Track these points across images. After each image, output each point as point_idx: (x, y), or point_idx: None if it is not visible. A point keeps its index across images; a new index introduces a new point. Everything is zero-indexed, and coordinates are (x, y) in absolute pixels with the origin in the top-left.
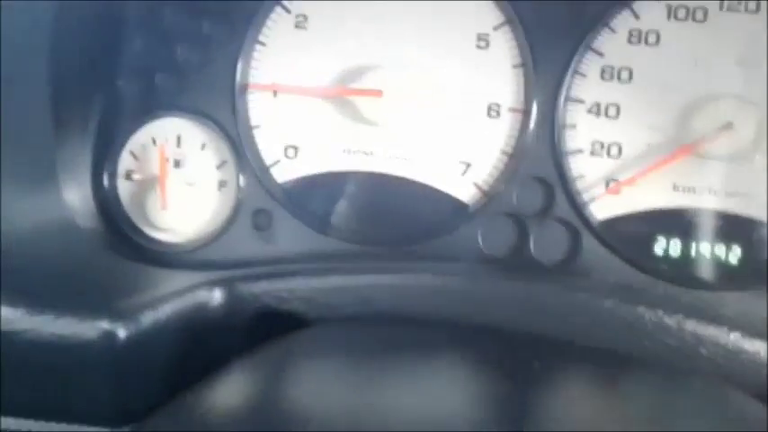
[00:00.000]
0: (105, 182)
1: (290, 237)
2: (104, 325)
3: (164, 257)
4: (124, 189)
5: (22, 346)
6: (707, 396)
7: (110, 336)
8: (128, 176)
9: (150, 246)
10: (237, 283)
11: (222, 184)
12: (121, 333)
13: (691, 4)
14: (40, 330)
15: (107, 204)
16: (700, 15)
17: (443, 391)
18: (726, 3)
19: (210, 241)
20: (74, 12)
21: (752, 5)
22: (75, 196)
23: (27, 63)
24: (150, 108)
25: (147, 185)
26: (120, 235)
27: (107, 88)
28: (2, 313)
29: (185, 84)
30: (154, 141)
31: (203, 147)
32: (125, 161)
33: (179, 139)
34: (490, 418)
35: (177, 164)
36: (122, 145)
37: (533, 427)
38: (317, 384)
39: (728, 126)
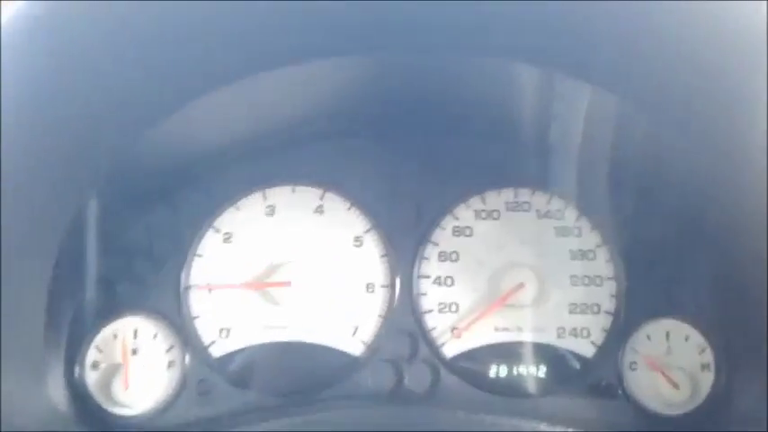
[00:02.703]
0: (76, 373)
1: (227, 398)
2: None
3: (129, 426)
4: (91, 377)
5: None
6: None
7: None
8: (94, 366)
9: (115, 420)
10: None
11: (171, 364)
12: None
13: (488, 208)
14: None
15: (78, 391)
16: (495, 215)
17: None
18: (510, 205)
19: (165, 409)
20: (73, 242)
21: (525, 206)
22: (55, 387)
23: (23, 285)
24: (112, 311)
25: (111, 371)
26: (90, 414)
27: (77, 297)
28: None
29: (140, 289)
30: (115, 336)
31: (155, 336)
32: (91, 354)
33: (135, 332)
34: None
35: (134, 352)
36: (89, 342)
37: None
38: None
39: (521, 285)
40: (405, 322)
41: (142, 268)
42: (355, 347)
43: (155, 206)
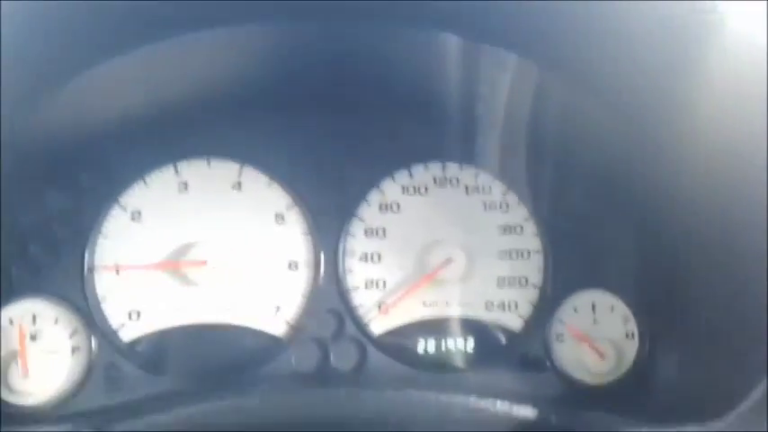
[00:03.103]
0: None
1: (139, 384)
2: None
3: (28, 418)
4: None
5: None
6: None
7: None
8: None
9: (14, 411)
10: (101, 425)
11: (75, 350)
12: None
13: (416, 184)
14: None
15: None
16: (423, 190)
17: None
18: (438, 180)
19: (70, 397)
20: None
21: (454, 181)
22: None
23: None
24: (7, 296)
25: (8, 359)
26: None
27: None
28: None
29: (38, 272)
30: (11, 321)
31: (56, 321)
32: None
33: (34, 317)
34: None
35: (33, 337)
36: None
37: None
38: None
39: (449, 261)
40: (330, 300)
41: (40, 250)
42: (278, 327)
43: (52, 184)
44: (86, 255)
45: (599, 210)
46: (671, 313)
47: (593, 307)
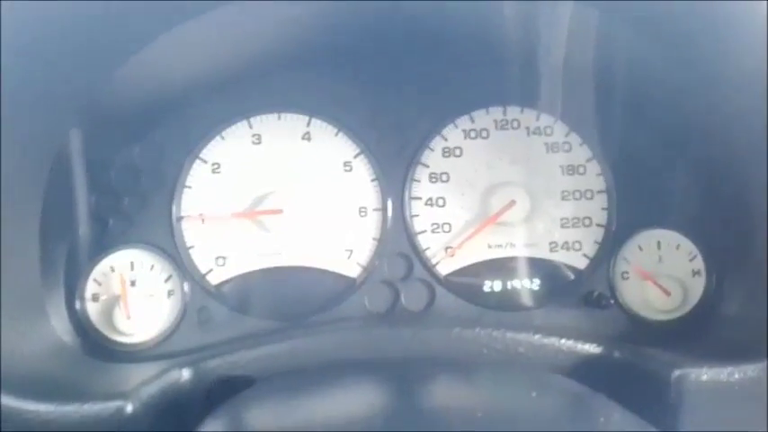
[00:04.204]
0: (77, 305)
1: (227, 325)
2: (116, 403)
3: (133, 355)
4: (92, 309)
5: (54, 429)
6: (533, 377)
7: (121, 410)
8: (94, 299)
9: (120, 348)
10: (197, 362)
11: (171, 293)
12: (129, 408)
13: (477, 128)
14: (72, 415)
15: (81, 322)
16: (484, 134)
17: (363, 399)
18: (499, 124)
19: (167, 337)
20: (60, 180)
21: (515, 124)
22: (58, 320)
23: (23, 223)
24: (106, 245)
25: (112, 303)
26: (96, 344)
27: (70, 234)
28: (31, 409)
29: (132, 223)
30: (112, 269)
31: (152, 267)
32: (90, 287)
33: (132, 264)
34: (399, 414)
35: (133, 283)
36: (87, 275)
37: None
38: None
39: (513, 203)
40: (399, 244)
41: (132, 203)
42: (352, 270)
43: (138, 142)
44: (174, 206)
45: (664, 148)
46: (737, 251)
47: (659, 245)
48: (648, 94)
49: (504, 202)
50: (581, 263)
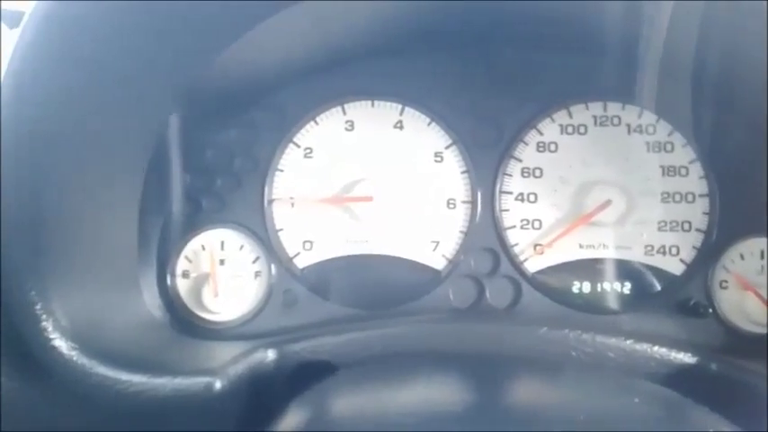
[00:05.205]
0: (168, 281)
1: (311, 309)
2: (205, 379)
3: (219, 333)
4: (182, 285)
5: (144, 400)
6: (619, 381)
7: (210, 387)
8: (184, 275)
9: (207, 326)
10: (281, 345)
11: (257, 274)
12: (218, 384)
13: (575, 123)
14: (162, 388)
15: (171, 298)
16: (582, 130)
17: (445, 393)
18: (599, 120)
19: (252, 317)
20: (158, 162)
21: (615, 120)
22: (150, 295)
23: (116, 201)
24: (199, 224)
25: (201, 280)
26: (184, 320)
27: (165, 212)
28: (124, 379)
29: (224, 204)
30: (203, 247)
31: (241, 248)
32: (181, 264)
33: (222, 243)
34: (478, 411)
35: (222, 262)
36: (179, 253)
37: (515, 413)
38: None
39: (608, 203)
40: (486, 238)
41: (225, 184)
42: (437, 262)
43: (233, 125)
44: (266, 188)
45: None
46: None
47: (762, 254)
48: (756, 96)
49: (599, 202)
50: (677, 268)
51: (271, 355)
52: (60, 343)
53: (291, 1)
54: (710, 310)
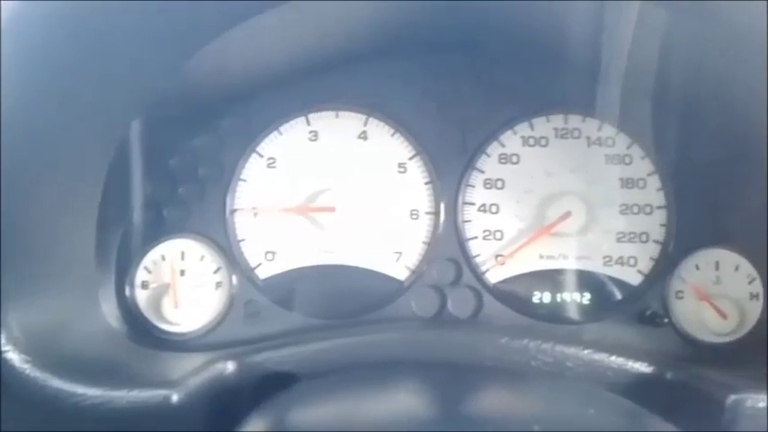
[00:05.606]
0: (127, 292)
1: (273, 319)
2: (163, 392)
3: (179, 345)
4: (141, 296)
5: (100, 413)
6: (577, 390)
7: (167, 399)
8: (144, 286)
9: (167, 337)
10: (242, 356)
11: (218, 285)
12: (176, 396)
13: (536, 135)
14: (119, 400)
15: (130, 309)
16: (543, 142)
17: (404, 400)
18: (560, 132)
19: (213, 328)
20: (119, 168)
21: (576, 133)
22: (108, 306)
23: (74, 209)
24: (159, 234)
25: (161, 291)
26: (143, 331)
27: (125, 220)
28: (79, 392)
29: (186, 213)
30: (163, 257)
31: (202, 258)
32: (141, 274)
33: (182, 254)
34: (438, 416)
35: (182, 273)
36: (138, 263)
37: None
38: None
39: (568, 214)
40: (449, 249)
41: (187, 192)
42: (400, 272)
43: (198, 132)
44: (228, 198)
45: (728, 165)
46: None
47: (717, 265)
48: (714, 107)
49: (560, 213)
50: (635, 279)
51: (231, 366)
52: (13, 356)
53: (262, 2)
54: (667, 320)
